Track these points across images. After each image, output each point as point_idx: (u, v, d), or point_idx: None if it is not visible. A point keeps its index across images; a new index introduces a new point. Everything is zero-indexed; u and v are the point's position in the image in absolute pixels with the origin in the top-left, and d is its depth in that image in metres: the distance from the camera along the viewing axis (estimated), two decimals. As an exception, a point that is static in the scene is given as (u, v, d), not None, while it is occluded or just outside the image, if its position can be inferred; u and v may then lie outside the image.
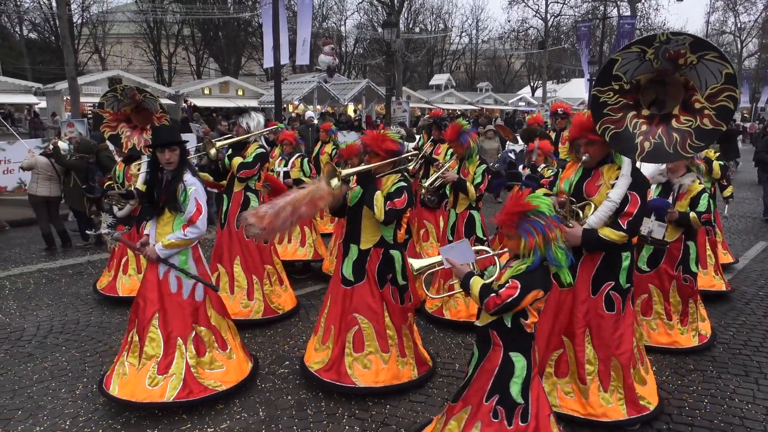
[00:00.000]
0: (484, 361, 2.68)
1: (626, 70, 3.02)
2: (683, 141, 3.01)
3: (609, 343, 3.29)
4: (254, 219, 3.26)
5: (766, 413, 3.62)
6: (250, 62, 37.51)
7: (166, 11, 32.40)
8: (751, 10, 44.84)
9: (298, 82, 24.64)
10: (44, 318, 5.17)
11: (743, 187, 13.70)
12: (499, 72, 47.88)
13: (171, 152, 3.50)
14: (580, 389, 3.36)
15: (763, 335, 4.87)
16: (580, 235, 3.14)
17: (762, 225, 9.62)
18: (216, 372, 3.67)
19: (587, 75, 29.51)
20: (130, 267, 5.59)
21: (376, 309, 3.71)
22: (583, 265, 3.27)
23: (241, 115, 5.23)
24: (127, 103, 5.22)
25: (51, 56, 30.78)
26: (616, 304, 3.28)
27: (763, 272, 6.79)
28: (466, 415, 2.70)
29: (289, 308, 5.23)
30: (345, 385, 3.66)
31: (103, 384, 3.60)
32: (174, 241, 3.49)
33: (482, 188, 4.85)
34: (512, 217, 2.49)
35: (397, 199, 3.51)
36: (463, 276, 2.60)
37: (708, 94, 2.93)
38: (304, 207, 3.32)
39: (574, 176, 3.34)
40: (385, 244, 3.73)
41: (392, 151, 3.61)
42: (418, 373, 3.85)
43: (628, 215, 3.11)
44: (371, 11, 39.18)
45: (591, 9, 40.06)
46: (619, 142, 3.11)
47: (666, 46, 2.87)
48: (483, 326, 2.68)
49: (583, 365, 3.32)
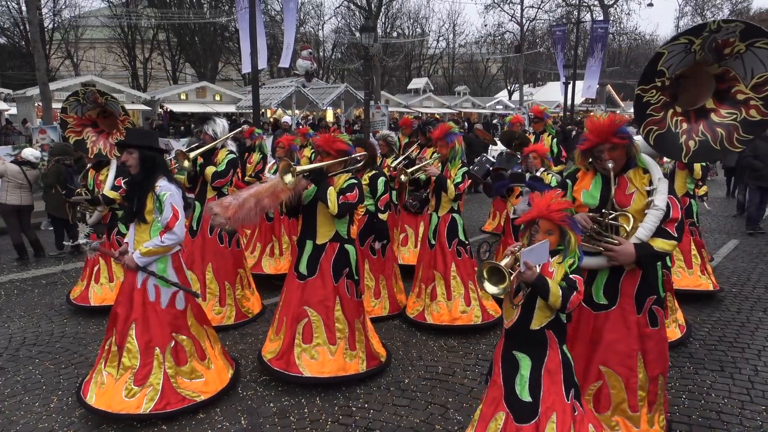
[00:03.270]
0: (545, 364, 2.60)
1: (670, 64, 2.77)
2: (729, 135, 2.82)
3: (659, 360, 3.03)
4: (220, 209, 3.45)
5: (742, 407, 3.70)
6: (227, 67, 37.15)
7: (141, 16, 31.94)
8: (717, 15, 46.17)
9: (276, 87, 24.49)
10: (16, 330, 5.03)
11: (714, 186, 14.02)
12: (477, 76, 48.26)
13: (128, 155, 3.53)
14: (630, 418, 3.04)
15: (737, 331, 4.97)
16: (634, 252, 2.82)
17: (734, 223, 9.85)
18: (195, 382, 3.63)
19: (563, 78, 29.98)
20: (102, 276, 5.48)
21: (326, 302, 3.89)
22: (625, 283, 2.97)
23: (206, 123, 5.15)
24: (91, 107, 5.14)
25: (21, 61, 30.07)
26: (659, 319, 3.02)
27: (736, 269, 6.96)
28: (554, 424, 2.55)
29: (257, 311, 5.29)
30: (292, 374, 3.83)
31: (81, 392, 3.53)
32: (151, 248, 3.44)
33: (461, 188, 4.89)
34: (558, 214, 2.54)
35: (350, 194, 3.78)
36: (536, 278, 2.44)
37: (754, 83, 2.76)
38: (267, 199, 3.54)
39: (593, 187, 3.02)
40: (340, 239, 3.94)
41: (342, 151, 3.89)
42: (366, 367, 3.98)
43: (674, 221, 2.88)
44: (349, 16, 39.22)
45: (565, 13, 40.83)
46: (664, 144, 2.89)
47: (715, 35, 2.69)
48: (540, 329, 2.60)
49: (636, 392, 3.00)
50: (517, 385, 2.61)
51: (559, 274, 2.55)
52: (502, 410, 2.63)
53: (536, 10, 41.60)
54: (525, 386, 2.59)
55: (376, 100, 23.88)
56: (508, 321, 2.66)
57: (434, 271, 4.95)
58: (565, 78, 29.51)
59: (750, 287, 6.23)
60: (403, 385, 3.99)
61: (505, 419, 2.61)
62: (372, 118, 19.57)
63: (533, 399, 2.57)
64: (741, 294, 6.00)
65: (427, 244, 5.08)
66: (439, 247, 4.97)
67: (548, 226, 2.57)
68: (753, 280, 6.52)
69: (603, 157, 2.91)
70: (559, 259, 2.59)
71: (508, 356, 2.67)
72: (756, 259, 7.43)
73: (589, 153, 3.00)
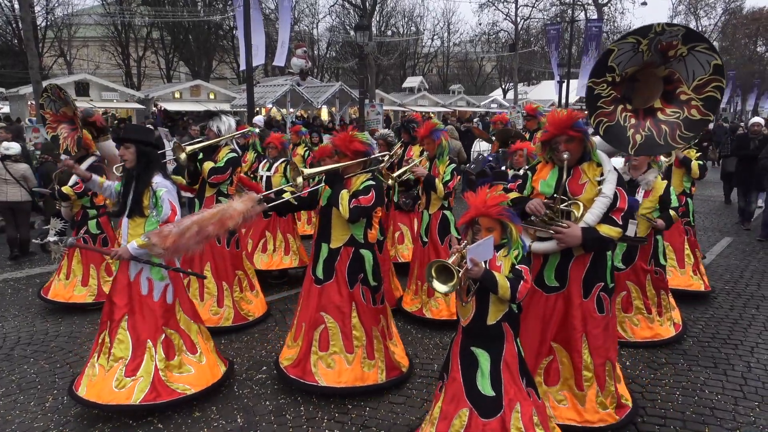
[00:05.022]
0: (504, 357, 2.66)
1: (620, 61, 2.98)
2: (673, 132, 3.02)
3: (604, 346, 3.22)
4: (157, 239, 3.12)
5: (735, 403, 3.73)
6: (221, 65, 37.07)
7: (134, 14, 31.78)
8: (711, 14, 46.53)
9: (270, 85, 24.42)
10: (11, 329, 5.01)
11: (708, 185, 14.11)
12: (471, 74, 48.31)
13: (125, 149, 3.56)
14: (575, 395, 3.24)
15: (730, 328, 5.01)
16: (580, 235, 3.01)
17: (726, 221, 9.92)
18: (185, 376, 3.64)
19: (557, 77, 30.06)
20: (62, 272, 5.52)
21: (342, 308, 3.72)
22: (574, 268, 3.18)
23: (212, 119, 5.12)
24: (63, 104, 5.23)
25: (14, 60, 29.86)
26: (605, 305, 3.23)
27: (729, 267, 7.01)
28: (518, 413, 2.62)
29: (260, 314, 5.16)
30: (307, 382, 3.69)
31: (73, 386, 3.55)
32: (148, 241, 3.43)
33: (450, 185, 4.90)
34: (495, 209, 2.57)
35: (363, 197, 3.55)
36: (482, 273, 2.48)
37: (695, 85, 2.96)
38: (212, 226, 3.17)
39: (550, 177, 3.22)
40: (356, 243, 3.74)
41: (359, 152, 3.68)
42: (387, 378, 3.80)
43: (620, 210, 3.09)
44: (343, 14, 39.16)
45: (559, 12, 40.86)
46: (612, 136, 3.08)
47: (660, 37, 2.89)
48: (496, 323, 2.65)
49: (581, 371, 3.21)
50: (478, 381, 2.66)
51: (506, 266, 2.61)
52: (464, 406, 2.67)
53: (530, 8, 41.66)
54: (487, 381, 2.65)
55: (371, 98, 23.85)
56: (465, 319, 2.71)
57: (427, 268, 4.95)
58: (560, 77, 29.59)
59: (743, 284, 6.28)
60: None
61: (469, 415, 2.65)
62: (367, 116, 19.57)
63: (496, 393, 2.64)
64: (734, 291, 6.04)
65: (420, 242, 5.10)
66: (431, 244, 4.98)
67: (488, 223, 2.61)
68: (746, 277, 6.57)
69: (560, 148, 3.12)
70: (504, 252, 2.64)
71: (466, 352, 2.72)
72: (749, 257, 7.49)
73: (548, 144, 3.21)
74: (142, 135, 3.67)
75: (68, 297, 5.40)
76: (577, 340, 3.20)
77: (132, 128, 3.88)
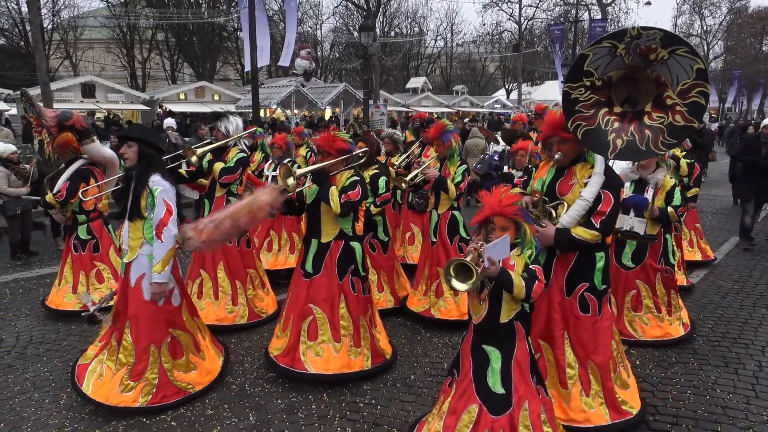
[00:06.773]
0: (515, 356, 2.69)
1: (598, 65, 2.96)
2: (656, 138, 2.97)
3: (586, 346, 3.23)
4: (193, 233, 3.29)
5: (747, 402, 3.73)
6: (225, 67, 37.13)
7: (139, 16, 31.88)
8: (715, 13, 46.41)
9: (275, 87, 24.48)
10: (23, 328, 5.04)
11: (714, 185, 14.09)
12: (475, 75, 48.27)
13: (127, 147, 3.53)
14: (561, 394, 3.28)
15: (740, 327, 5.01)
16: (553, 235, 3.07)
17: (734, 221, 9.87)
18: (191, 374, 3.72)
19: (561, 77, 29.99)
20: (56, 279, 5.48)
21: (331, 300, 3.90)
22: (557, 266, 3.22)
23: (220, 120, 5.13)
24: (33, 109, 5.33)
25: (20, 62, 30.02)
26: (591, 306, 3.21)
27: (738, 266, 6.99)
28: (527, 411, 2.66)
29: (272, 311, 5.21)
30: (297, 370, 3.86)
31: (76, 377, 3.62)
32: (159, 258, 3.43)
33: (462, 187, 4.91)
34: (511, 209, 2.60)
35: (351, 192, 3.77)
36: (499, 272, 2.50)
37: (679, 90, 2.90)
38: (244, 218, 3.38)
39: (547, 175, 3.27)
40: (345, 236, 3.95)
41: (342, 150, 3.86)
42: (372, 364, 3.99)
43: (601, 214, 3.05)
44: (347, 15, 39.22)
45: (563, 12, 40.81)
46: (591, 140, 3.05)
47: (637, 41, 2.84)
48: (508, 321, 2.68)
49: (564, 369, 3.25)
50: (489, 378, 2.70)
51: (520, 266, 2.63)
52: (474, 403, 2.71)
53: (534, 9, 41.70)
54: (497, 379, 2.69)
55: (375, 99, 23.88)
56: (477, 317, 2.73)
57: (438, 268, 4.97)
58: (563, 77, 29.54)
59: (752, 284, 6.27)
60: (409, 381, 4.02)
61: (478, 411, 2.69)
62: (371, 117, 19.61)
63: (506, 390, 2.67)
64: (743, 290, 6.03)
65: (429, 242, 5.11)
66: (440, 244, 4.99)
67: (503, 223, 2.63)
68: (755, 276, 6.55)
69: (553, 148, 3.19)
70: (518, 252, 2.67)
71: (477, 350, 2.75)
72: (757, 256, 7.47)
73: (546, 143, 3.30)
74: (145, 134, 3.65)
75: (58, 304, 5.27)
76: (559, 337, 3.26)
77: (136, 128, 3.88)
